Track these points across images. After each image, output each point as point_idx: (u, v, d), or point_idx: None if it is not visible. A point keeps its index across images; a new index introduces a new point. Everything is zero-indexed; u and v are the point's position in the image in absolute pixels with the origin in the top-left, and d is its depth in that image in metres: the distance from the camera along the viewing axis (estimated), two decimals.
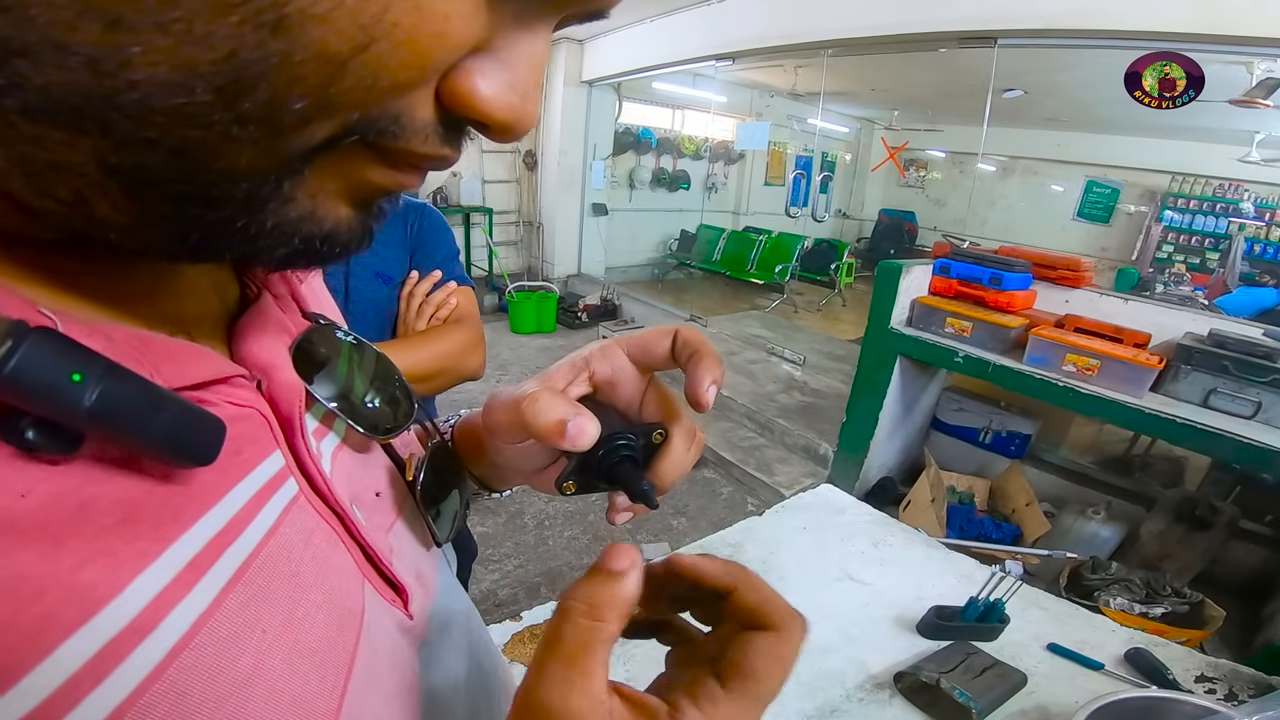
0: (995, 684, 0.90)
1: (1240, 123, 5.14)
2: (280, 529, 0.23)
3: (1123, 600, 2.20)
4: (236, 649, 0.20)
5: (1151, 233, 7.71)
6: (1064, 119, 7.01)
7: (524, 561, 2.64)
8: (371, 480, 0.31)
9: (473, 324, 1.16)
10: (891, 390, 2.68)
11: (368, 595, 0.27)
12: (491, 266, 6.36)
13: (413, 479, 0.33)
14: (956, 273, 2.53)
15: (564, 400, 0.30)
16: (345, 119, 0.18)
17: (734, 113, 7.77)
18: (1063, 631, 1.04)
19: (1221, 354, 2.09)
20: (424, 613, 0.31)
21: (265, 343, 0.26)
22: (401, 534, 0.32)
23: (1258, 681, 0.96)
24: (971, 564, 1.17)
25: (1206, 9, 2.50)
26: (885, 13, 3.47)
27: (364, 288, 1.13)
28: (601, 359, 0.35)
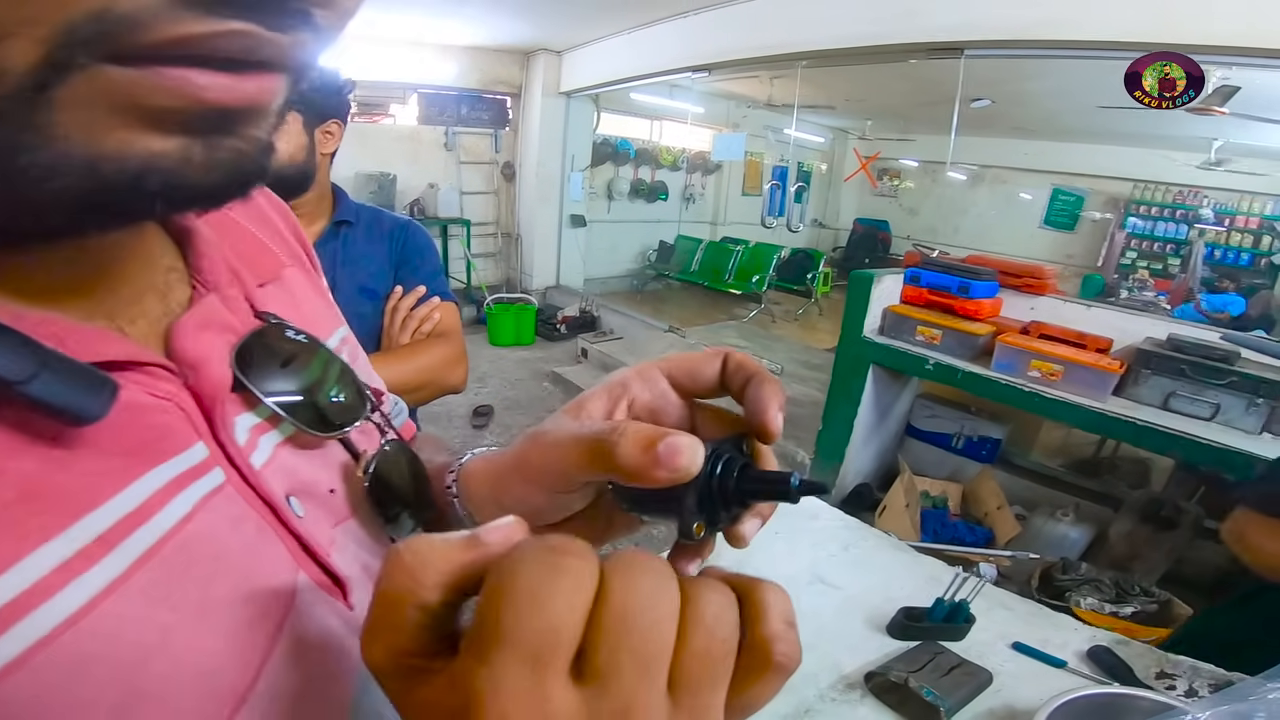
0: (962, 682, 0.93)
1: (1198, 130, 5.30)
2: (200, 514, 0.24)
3: (1093, 600, 2.25)
4: (143, 621, 0.21)
5: (1116, 239, 7.91)
6: (1031, 128, 7.18)
7: None
8: (325, 476, 0.32)
9: (455, 339, 1.19)
10: (865, 398, 2.72)
11: (301, 584, 0.28)
12: (469, 278, 6.34)
13: (363, 476, 0.33)
14: (926, 281, 2.59)
15: (651, 426, 0.26)
16: (47, 34, 0.16)
17: (711, 123, 7.86)
18: (1027, 630, 1.06)
19: (1180, 358, 2.16)
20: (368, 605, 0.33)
21: (199, 340, 0.27)
22: (353, 530, 0.33)
23: (1216, 677, 0.99)
24: (939, 566, 1.20)
25: (1164, 19, 2.59)
26: (856, 24, 3.55)
27: (349, 302, 1.15)
28: (642, 385, 0.33)
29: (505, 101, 6.56)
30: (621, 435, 0.26)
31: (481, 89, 6.37)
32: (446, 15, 4.80)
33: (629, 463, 0.25)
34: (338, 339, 0.40)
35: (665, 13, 4.64)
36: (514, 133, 6.69)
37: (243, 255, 0.34)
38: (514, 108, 6.60)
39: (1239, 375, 2.10)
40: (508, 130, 6.68)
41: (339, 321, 0.43)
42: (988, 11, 3.04)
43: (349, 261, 1.17)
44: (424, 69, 5.91)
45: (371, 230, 1.22)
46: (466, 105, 6.36)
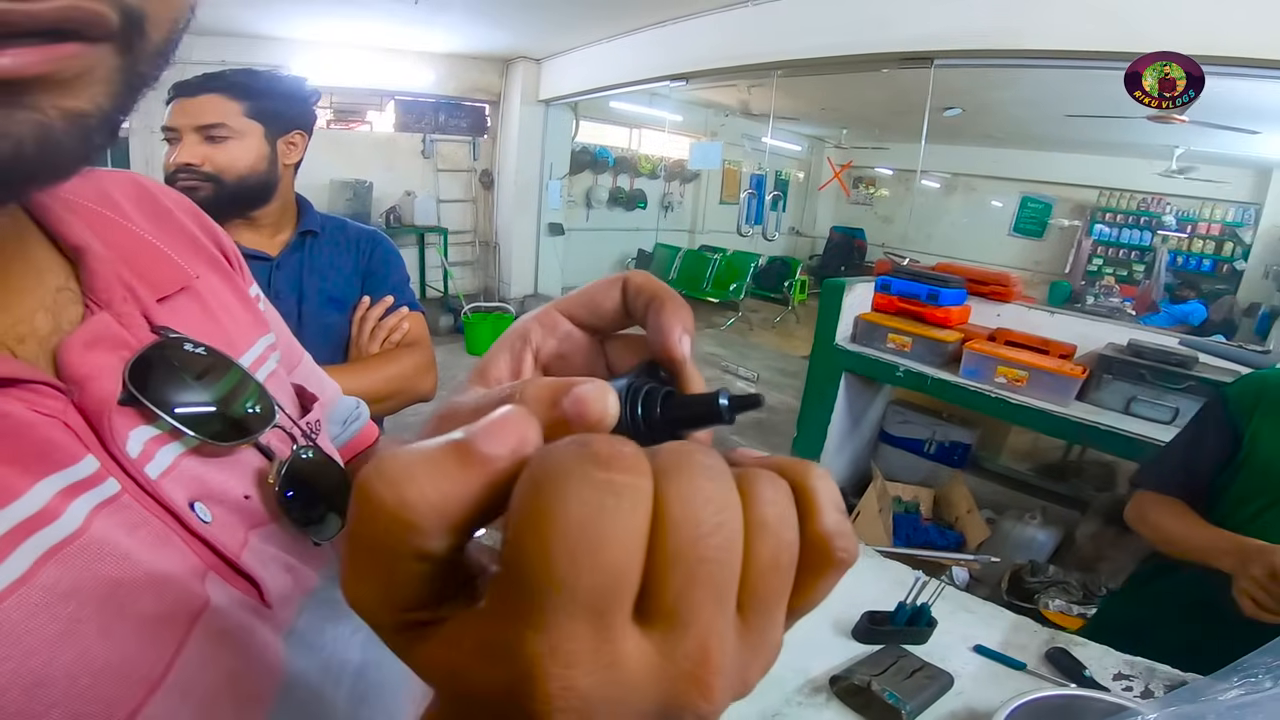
0: (924, 685, 0.94)
1: (1160, 138, 5.43)
2: (96, 520, 0.25)
3: (1061, 601, 2.29)
4: (47, 614, 0.22)
5: (1082, 246, 8.08)
6: (1000, 136, 7.32)
7: None
8: (237, 484, 0.33)
9: (424, 348, 1.20)
10: (839, 405, 2.76)
11: (212, 584, 0.29)
12: (447, 287, 6.30)
13: (273, 482, 0.34)
14: (897, 290, 2.63)
15: (550, 381, 0.21)
16: None
17: (690, 131, 7.91)
18: (988, 633, 1.08)
19: (1140, 363, 2.22)
20: (293, 604, 0.33)
21: (86, 358, 0.28)
22: (273, 534, 0.34)
23: (1171, 678, 1.01)
24: (904, 570, 1.22)
25: (1125, 27, 2.67)
26: (831, 34, 3.61)
27: (317, 312, 1.16)
28: (543, 332, 0.31)
29: (484, 109, 6.54)
30: (520, 401, 0.21)
31: (460, 96, 6.34)
32: (425, 23, 4.79)
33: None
34: (262, 346, 0.40)
35: (644, 22, 4.69)
36: (492, 140, 6.67)
37: (140, 269, 0.34)
38: (492, 115, 6.58)
39: (1197, 379, 2.16)
40: (486, 138, 6.66)
41: (263, 328, 0.42)
42: (956, 22, 3.12)
43: (315, 272, 1.17)
44: (401, 76, 5.88)
45: (337, 241, 1.22)
46: (444, 112, 6.33)
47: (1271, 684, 0.69)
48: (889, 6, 3.34)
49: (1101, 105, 4.66)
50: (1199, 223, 7.39)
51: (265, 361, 0.40)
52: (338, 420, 0.53)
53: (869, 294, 2.76)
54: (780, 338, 6.87)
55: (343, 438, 0.53)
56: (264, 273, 1.12)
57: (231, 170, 1.07)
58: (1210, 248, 7.35)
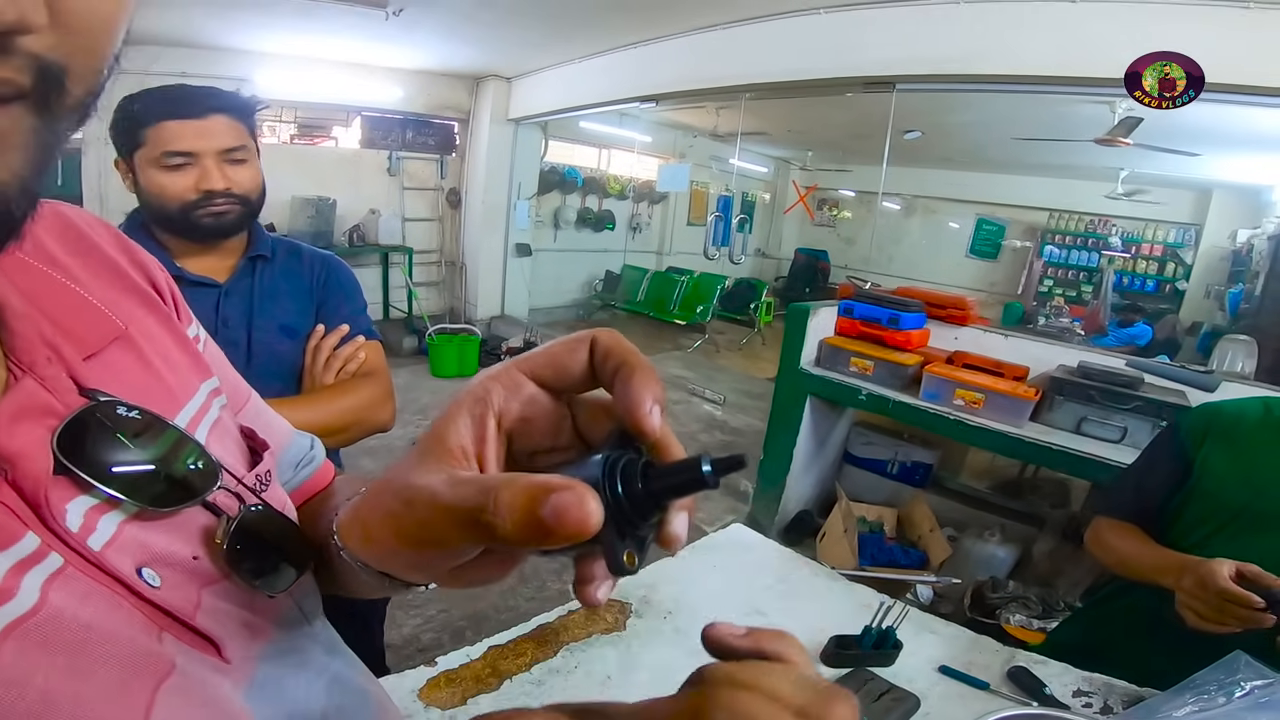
0: (891, 708, 0.96)
1: (1106, 160, 5.69)
2: (50, 594, 0.25)
3: (1021, 616, 2.34)
4: (20, 687, 0.22)
5: (1034, 267, 8.37)
6: (957, 159, 7.58)
7: (447, 606, 2.56)
8: (183, 545, 0.32)
9: (382, 377, 1.17)
10: (804, 427, 2.80)
11: (169, 645, 0.29)
12: (411, 308, 6.21)
13: (221, 542, 0.33)
14: (859, 314, 2.69)
15: (526, 485, 0.23)
16: None
17: (659, 152, 7.99)
18: (952, 653, 1.10)
19: (1089, 384, 2.31)
20: (252, 657, 0.33)
21: (14, 434, 0.26)
22: (225, 591, 0.33)
23: (1129, 693, 1.03)
24: (870, 593, 1.24)
25: (1072, 53, 2.82)
26: (796, 59, 3.73)
27: (268, 340, 1.12)
28: (504, 394, 0.30)
29: (452, 127, 6.51)
30: (495, 512, 0.23)
31: (428, 113, 6.31)
32: (395, 39, 4.77)
33: (515, 539, 0.23)
34: (204, 393, 0.39)
35: (615, 43, 4.76)
36: (460, 159, 6.63)
37: (65, 324, 0.32)
38: (461, 133, 6.56)
39: (1143, 400, 2.26)
40: (454, 156, 6.62)
41: (205, 372, 0.41)
42: (916, 48, 3.25)
43: (266, 298, 1.13)
44: (368, 91, 5.82)
45: (290, 265, 1.18)
46: (412, 129, 6.28)
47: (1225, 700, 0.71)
48: (853, 33, 3.46)
49: (1050, 128, 4.88)
50: (1142, 243, 7.70)
51: (208, 410, 0.38)
52: (290, 463, 0.52)
53: (832, 318, 2.82)
54: (747, 360, 6.94)
55: (295, 481, 0.52)
56: (211, 299, 1.08)
57: (254, 191, 1.09)
58: (1154, 268, 7.67)
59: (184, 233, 1.06)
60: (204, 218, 1.04)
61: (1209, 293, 6.84)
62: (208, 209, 1.04)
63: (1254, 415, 1.17)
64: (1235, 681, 0.75)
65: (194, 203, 1.03)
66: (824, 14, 3.53)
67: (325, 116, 6.04)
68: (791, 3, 3.58)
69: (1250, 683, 0.74)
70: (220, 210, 1.05)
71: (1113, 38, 2.71)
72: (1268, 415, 1.16)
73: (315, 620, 0.43)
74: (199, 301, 1.08)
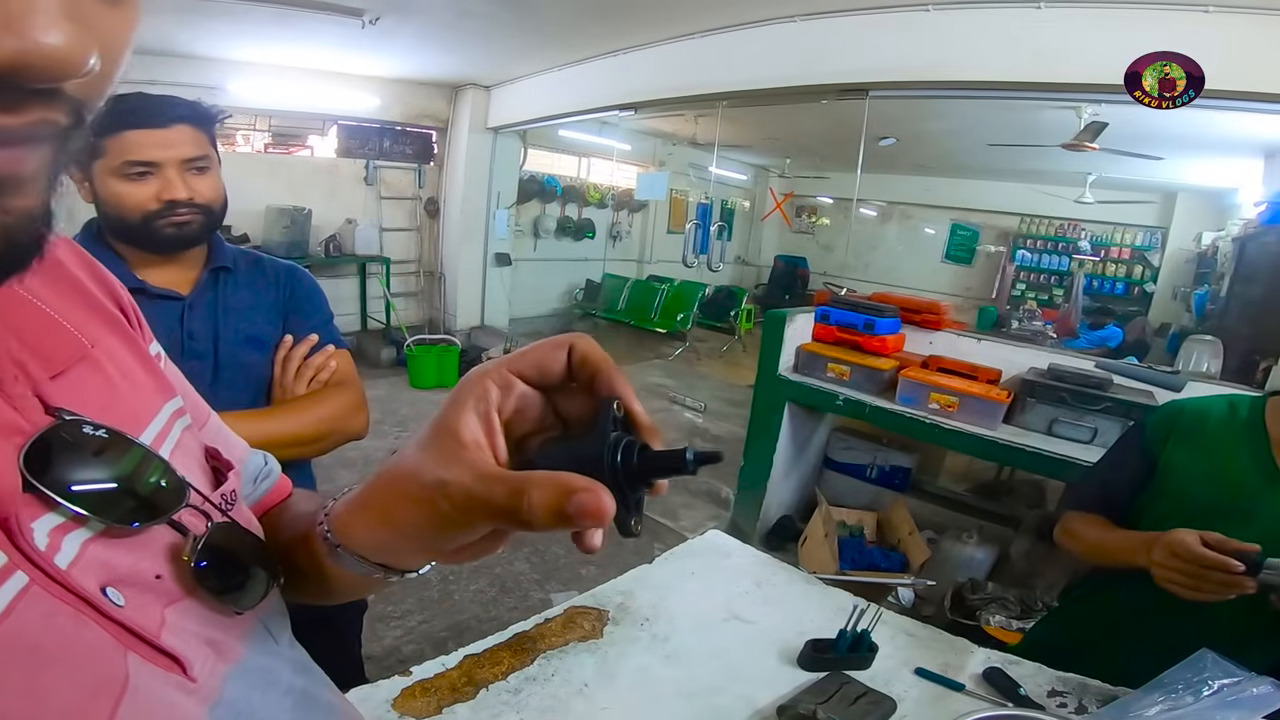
0: (868, 711, 0.96)
1: (1075, 165, 5.75)
2: (13, 614, 0.25)
3: (1000, 617, 2.36)
4: None
5: (1007, 271, 8.52)
6: (931, 166, 7.69)
7: (428, 617, 2.54)
8: (148, 564, 0.32)
9: (354, 386, 1.16)
10: (783, 434, 2.81)
11: (133, 665, 0.28)
12: (389, 318, 6.15)
13: (189, 560, 0.33)
14: (835, 319, 2.72)
15: (550, 485, 0.29)
16: None
17: (638, 160, 8.02)
18: (928, 655, 1.11)
19: (1060, 386, 2.35)
20: (218, 676, 0.33)
21: None
22: (190, 609, 0.33)
23: (1103, 692, 1.05)
24: (846, 597, 1.24)
25: (1041, 60, 2.88)
26: (772, 67, 3.76)
27: (235, 353, 1.11)
28: (500, 392, 0.35)
29: (430, 136, 6.48)
30: (530, 510, 0.29)
31: (406, 122, 6.27)
32: (372, 48, 4.74)
33: (544, 528, 0.29)
34: (167, 412, 0.39)
35: (594, 51, 4.77)
36: (438, 168, 6.60)
37: (32, 342, 0.32)
38: (439, 142, 6.52)
39: (1113, 400, 2.30)
40: (432, 165, 6.58)
41: (168, 392, 0.41)
42: (889, 56, 3.31)
43: (231, 310, 1.12)
44: (345, 100, 5.77)
45: (253, 277, 1.17)
46: (389, 138, 6.24)
47: (1193, 699, 0.73)
48: (828, 40, 3.51)
49: (1019, 134, 4.98)
50: (1111, 247, 7.88)
51: (170, 431, 0.38)
52: (248, 479, 0.52)
53: (810, 324, 2.84)
54: (728, 367, 6.96)
55: (255, 495, 0.52)
56: (175, 313, 1.07)
57: (217, 201, 1.08)
58: (1122, 271, 7.85)
59: (144, 243, 1.04)
60: (166, 228, 1.03)
61: (1176, 294, 6.98)
62: (170, 219, 1.02)
63: (1218, 414, 1.19)
64: (1203, 680, 0.76)
65: (156, 212, 1.01)
66: (799, 22, 3.57)
67: (301, 125, 5.97)
68: (767, 11, 3.62)
69: (1218, 681, 0.75)
70: (183, 220, 1.03)
71: (1077, 44, 2.78)
72: (1232, 413, 1.18)
73: (282, 638, 0.42)
74: (163, 315, 1.06)
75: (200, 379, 1.07)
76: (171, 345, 1.05)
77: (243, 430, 0.59)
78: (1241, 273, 5.03)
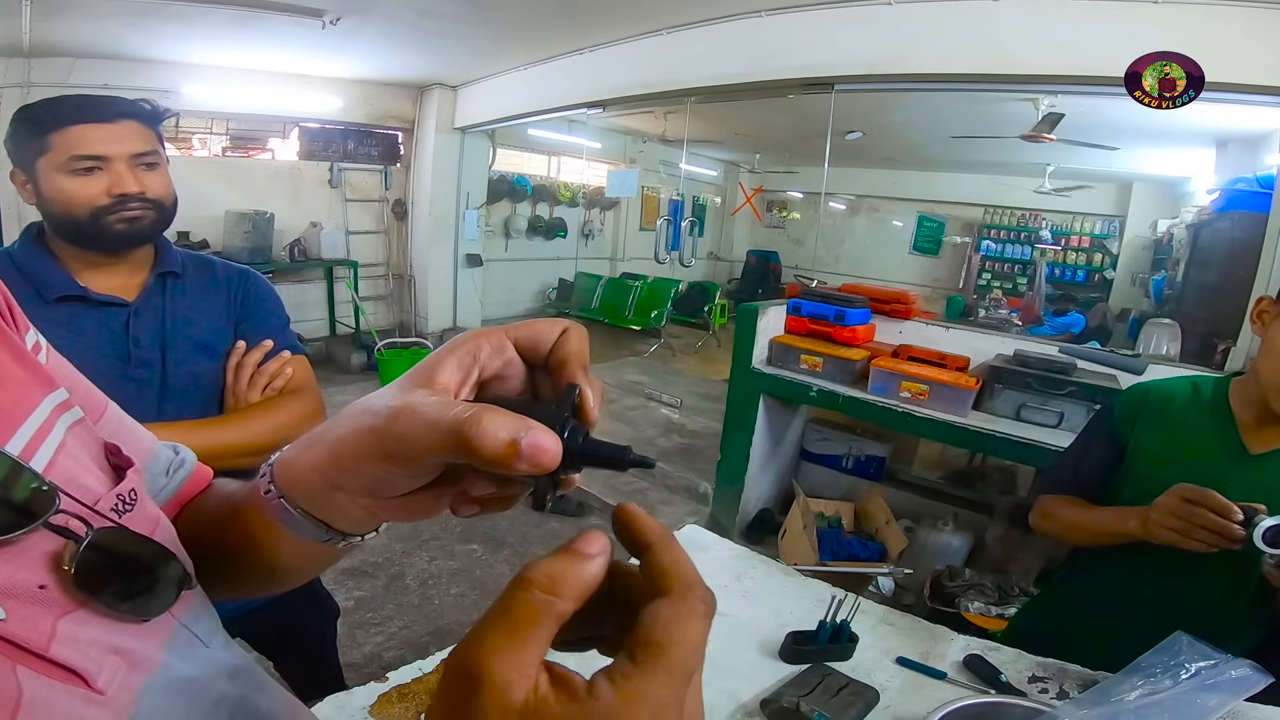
0: (851, 702, 0.96)
1: (1034, 156, 5.90)
2: None
3: (979, 604, 2.39)
4: None
5: (972, 262, 8.66)
6: (897, 158, 7.77)
7: (409, 622, 2.52)
8: (29, 574, 0.30)
9: (310, 393, 1.13)
10: (759, 427, 2.82)
11: (24, 678, 0.27)
12: (358, 322, 6.06)
13: (69, 569, 0.31)
14: (807, 311, 2.73)
15: (511, 417, 0.29)
16: None
17: (609, 158, 7.99)
18: (908, 644, 1.12)
19: (1026, 372, 2.38)
20: (131, 687, 0.31)
21: None
22: (87, 619, 0.31)
23: (1083, 677, 1.06)
24: (825, 588, 1.24)
25: (999, 52, 2.92)
26: (738, 63, 3.77)
27: (184, 360, 1.07)
28: (492, 353, 0.35)
29: (396, 137, 6.39)
30: (482, 434, 0.28)
31: (370, 124, 6.18)
32: (334, 49, 4.65)
33: (491, 456, 0.28)
34: (47, 407, 0.36)
35: (560, 50, 4.74)
36: (405, 169, 6.52)
37: None
38: (406, 143, 6.44)
39: (1077, 385, 2.34)
40: (398, 167, 6.49)
41: (48, 385, 0.37)
42: (852, 49, 3.33)
43: (180, 316, 1.08)
44: (306, 102, 5.66)
45: (202, 281, 1.13)
46: (354, 140, 6.14)
47: (1171, 683, 0.73)
48: (792, 35, 3.53)
49: (981, 126, 5.07)
50: (1071, 235, 8.06)
51: (54, 426, 0.35)
52: (159, 472, 0.48)
53: (782, 317, 2.85)
54: (703, 362, 6.98)
55: (170, 488, 0.48)
56: (120, 320, 1.03)
57: (168, 197, 1.05)
58: (1083, 259, 8.03)
59: (91, 242, 1.01)
60: (116, 224, 0.99)
61: (1134, 280, 7.16)
62: (120, 214, 0.99)
63: (1183, 395, 1.20)
64: (1180, 663, 0.77)
65: (106, 208, 0.98)
66: (765, 17, 3.58)
67: (260, 128, 5.85)
68: (732, 7, 3.62)
69: (1195, 663, 0.76)
70: (134, 215, 1.00)
71: (1033, 36, 2.83)
72: (1195, 394, 1.19)
73: (214, 641, 0.40)
74: (107, 322, 1.01)
75: (148, 388, 1.03)
76: (116, 354, 1.02)
77: (193, 440, 0.56)
78: (1196, 258, 5.17)
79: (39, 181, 0.98)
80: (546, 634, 0.26)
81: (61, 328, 0.96)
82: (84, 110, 0.97)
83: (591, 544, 0.28)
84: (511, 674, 0.24)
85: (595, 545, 0.28)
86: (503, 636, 0.25)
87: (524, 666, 0.25)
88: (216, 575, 0.42)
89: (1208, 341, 4.29)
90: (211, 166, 5.53)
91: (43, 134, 0.96)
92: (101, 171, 0.98)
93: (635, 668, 0.26)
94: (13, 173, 1.02)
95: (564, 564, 0.27)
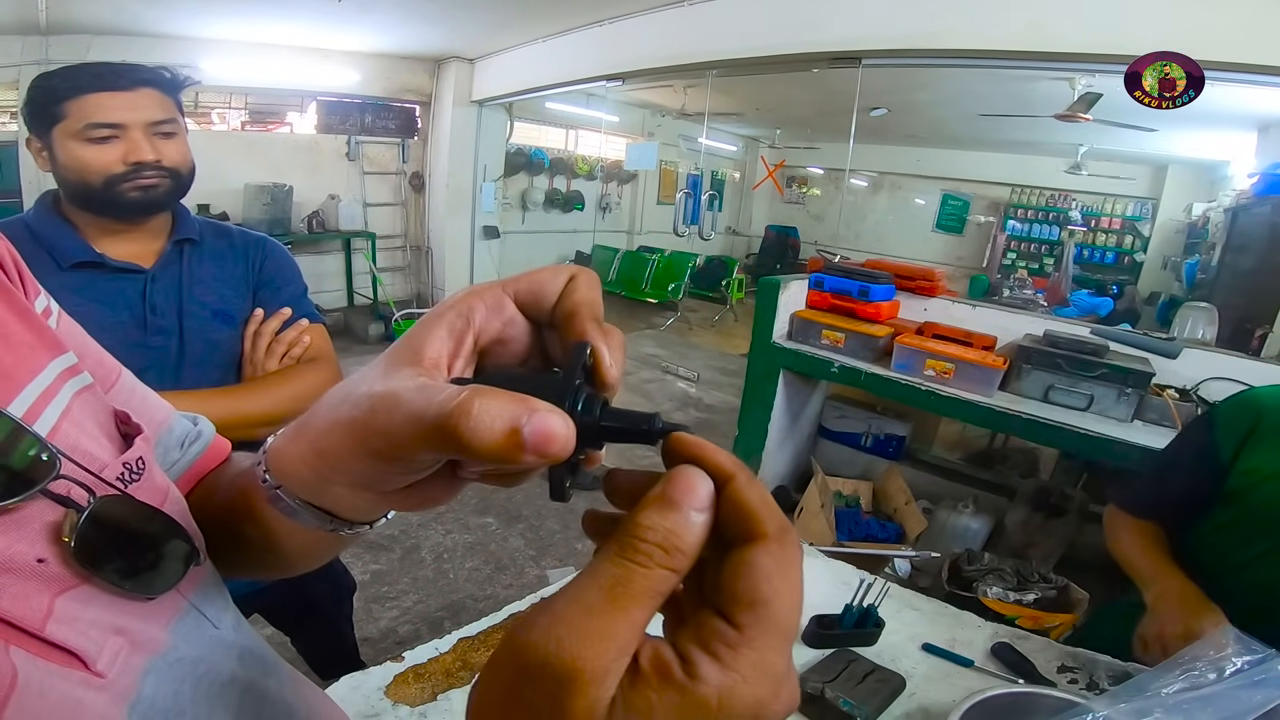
0: (876, 689, 0.93)
1: (1066, 136, 5.76)
2: None
3: (998, 589, 2.35)
4: None
5: (998, 241, 8.52)
6: (922, 136, 7.63)
7: (423, 597, 2.53)
8: (26, 548, 0.28)
9: (329, 362, 1.12)
10: (778, 402, 2.78)
11: (19, 659, 0.25)
12: (376, 293, 6.10)
13: (69, 540, 0.29)
14: (829, 286, 2.67)
15: (509, 398, 0.23)
16: None
17: (627, 132, 7.90)
18: (935, 630, 1.09)
19: (1056, 353, 2.32)
20: (134, 669, 0.30)
21: None
22: (88, 596, 0.29)
23: (1114, 669, 1.03)
24: (849, 570, 1.22)
25: (1035, 29, 2.82)
26: (763, 35, 3.67)
27: (201, 328, 1.06)
28: (487, 313, 0.30)
29: (414, 110, 6.37)
30: (475, 424, 0.22)
31: (388, 97, 6.17)
32: (351, 22, 4.62)
33: (488, 451, 0.22)
34: (53, 371, 0.34)
35: (580, 21, 4.65)
36: (423, 142, 6.51)
37: None
38: (423, 116, 6.42)
39: (1109, 367, 2.27)
40: (416, 140, 6.49)
41: (56, 349, 0.35)
42: (882, 23, 3.23)
43: (197, 283, 1.07)
44: (323, 76, 5.66)
45: (220, 248, 1.12)
46: (371, 114, 6.15)
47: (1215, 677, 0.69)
48: (820, 8, 3.42)
49: (1012, 105, 4.92)
50: (1102, 217, 7.89)
51: (59, 391, 0.33)
52: (173, 444, 0.46)
53: (803, 291, 2.79)
54: (720, 337, 6.95)
55: (185, 461, 0.46)
56: (137, 287, 1.02)
57: (184, 166, 1.04)
58: (1112, 241, 7.87)
59: (107, 209, 0.99)
60: (130, 191, 0.98)
61: (1166, 264, 7.02)
62: (135, 182, 0.97)
63: None
64: (1225, 658, 0.73)
65: (121, 175, 0.96)
66: None
67: (279, 102, 5.86)
68: None
69: (1241, 658, 0.72)
70: (149, 183, 0.99)
71: (1074, 14, 2.72)
72: None
73: (223, 622, 0.38)
74: (123, 289, 1.00)
75: (165, 355, 1.02)
76: (133, 320, 1.01)
77: (210, 409, 0.54)
78: (1234, 242, 5.03)
79: (54, 149, 0.97)
80: (651, 615, 0.22)
81: (77, 294, 0.95)
82: (102, 78, 0.96)
83: (696, 491, 0.23)
84: (614, 666, 0.20)
85: (701, 493, 0.23)
86: (606, 622, 0.21)
87: (624, 657, 0.21)
88: (229, 555, 0.40)
89: (1243, 327, 4.17)
90: (231, 140, 5.56)
91: (59, 101, 0.95)
92: (118, 139, 0.97)
93: (742, 635, 0.21)
94: (28, 139, 1.00)
95: (675, 520, 0.22)
